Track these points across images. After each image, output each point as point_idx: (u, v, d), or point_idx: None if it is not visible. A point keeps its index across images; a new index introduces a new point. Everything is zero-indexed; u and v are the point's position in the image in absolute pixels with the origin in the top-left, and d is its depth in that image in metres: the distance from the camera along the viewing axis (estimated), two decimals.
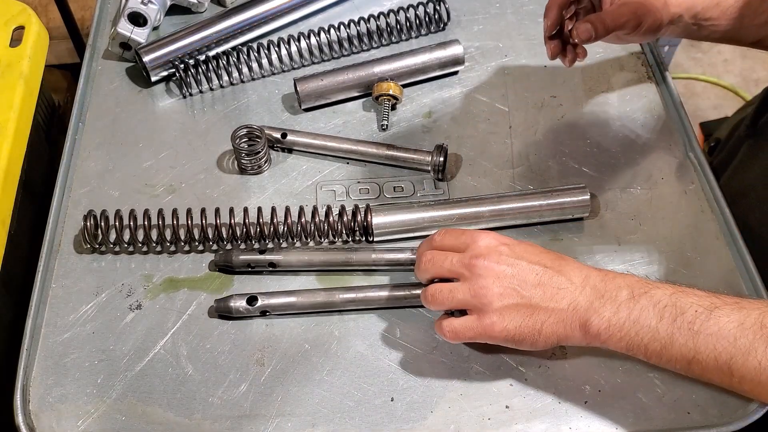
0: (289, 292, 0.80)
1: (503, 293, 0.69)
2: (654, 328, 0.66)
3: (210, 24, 1.04)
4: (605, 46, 1.07)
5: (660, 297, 0.68)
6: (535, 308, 0.69)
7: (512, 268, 0.70)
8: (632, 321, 0.67)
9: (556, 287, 0.69)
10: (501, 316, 0.69)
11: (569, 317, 0.68)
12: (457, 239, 0.73)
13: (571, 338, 0.69)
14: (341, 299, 0.79)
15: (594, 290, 0.69)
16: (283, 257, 0.83)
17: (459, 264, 0.71)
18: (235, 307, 0.79)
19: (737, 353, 0.64)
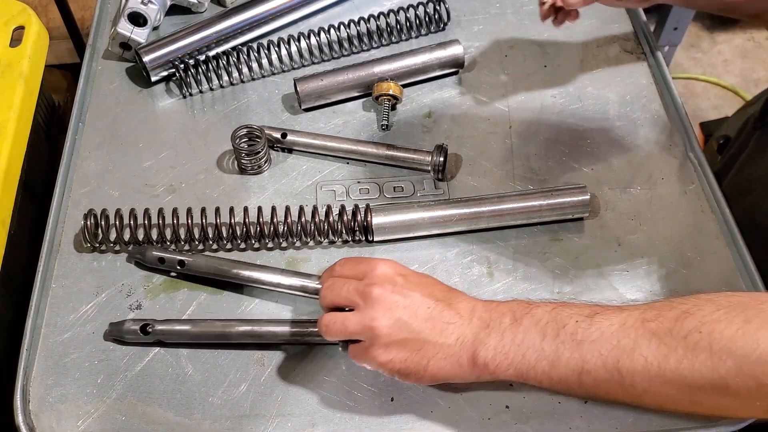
0: (184, 321, 0.79)
1: (392, 326, 0.67)
2: (539, 347, 0.65)
3: (210, 24, 1.04)
4: (605, 46, 1.07)
5: (541, 315, 0.67)
6: (423, 343, 0.67)
7: (405, 299, 0.68)
8: (517, 344, 0.66)
9: (445, 322, 0.68)
10: (387, 350, 0.68)
11: (457, 352, 0.67)
12: (356, 267, 0.73)
13: (459, 374, 0.68)
14: (237, 332, 0.77)
15: (480, 321, 0.68)
16: (193, 259, 0.82)
17: (354, 292, 0.70)
18: (127, 329, 0.77)
19: (623, 353, 0.62)
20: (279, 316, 0.81)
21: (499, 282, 0.83)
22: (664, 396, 0.63)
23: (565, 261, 0.85)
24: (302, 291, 0.80)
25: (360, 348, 0.70)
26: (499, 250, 0.86)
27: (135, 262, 0.85)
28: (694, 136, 0.95)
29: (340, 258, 0.85)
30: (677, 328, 0.61)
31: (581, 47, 1.07)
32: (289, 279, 0.80)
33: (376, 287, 0.69)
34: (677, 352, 0.60)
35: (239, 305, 0.82)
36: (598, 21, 1.11)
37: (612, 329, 0.63)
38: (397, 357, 0.68)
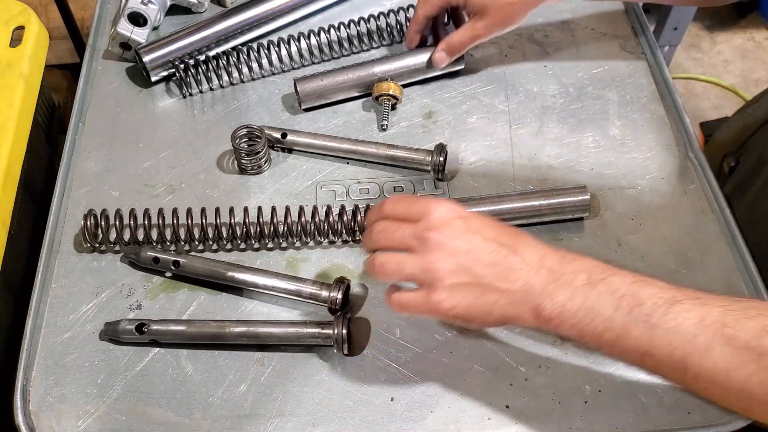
0: (180, 321, 0.79)
1: (455, 270, 0.65)
2: (609, 318, 0.63)
3: (210, 24, 1.04)
4: (605, 46, 1.07)
5: (618, 285, 0.64)
6: (486, 288, 0.65)
7: (466, 244, 0.66)
8: (587, 308, 0.63)
9: (510, 267, 0.66)
10: (451, 294, 0.65)
11: (522, 299, 0.65)
12: (410, 208, 0.69)
13: (521, 320, 0.66)
14: (233, 332, 0.77)
15: (550, 272, 0.65)
16: (188, 260, 0.82)
17: (411, 236, 0.67)
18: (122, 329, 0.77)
19: (694, 351, 0.60)
20: (278, 317, 0.81)
21: None
22: (722, 398, 0.62)
23: None
24: (296, 295, 0.80)
25: (417, 296, 0.67)
26: None
27: (129, 262, 0.85)
28: (694, 136, 0.95)
29: (340, 258, 0.85)
30: (755, 342, 0.59)
31: (581, 47, 1.07)
32: (284, 283, 0.80)
33: (434, 232, 0.66)
34: (749, 367, 0.58)
35: (239, 306, 0.82)
36: (599, 21, 1.11)
37: (689, 323, 0.61)
38: (461, 302, 0.65)
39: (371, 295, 0.82)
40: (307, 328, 0.77)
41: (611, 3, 1.13)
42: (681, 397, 0.74)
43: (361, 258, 0.85)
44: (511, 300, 0.65)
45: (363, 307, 0.81)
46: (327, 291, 0.79)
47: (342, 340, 0.75)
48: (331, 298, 0.79)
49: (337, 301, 0.79)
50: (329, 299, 0.79)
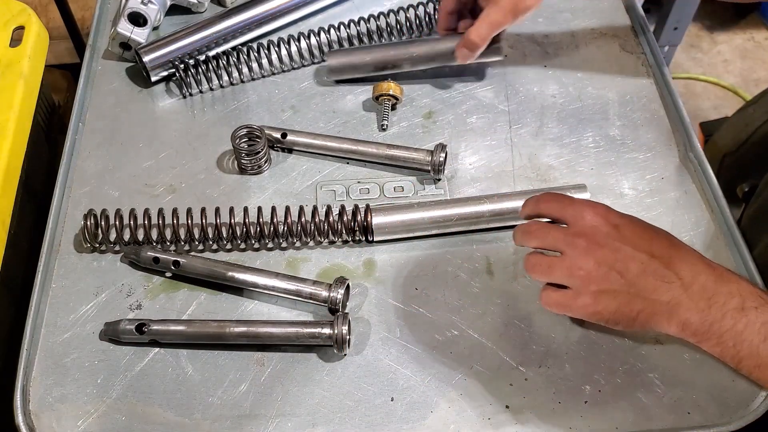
0: (180, 321, 0.79)
1: (601, 277, 0.67)
2: (755, 347, 0.64)
3: (210, 24, 1.04)
4: (605, 46, 1.07)
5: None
6: (633, 297, 0.67)
7: (615, 254, 0.67)
8: (735, 333, 0.65)
9: (660, 280, 0.66)
10: (595, 300, 0.67)
11: (668, 311, 0.66)
12: (563, 211, 0.71)
13: (664, 329, 0.68)
14: (233, 332, 0.77)
15: (702, 291, 0.66)
16: (188, 260, 0.82)
17: (561, 241, 0.69)
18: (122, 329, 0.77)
19: None
20: (278, 317, 0.81)
21: (499, 282, 0.83)
22: None
23: None
24: (296, 295, 0.80)
25: (564, 298, 0.69)
26: (499, 250, 0.86)
27: (129, 262, 0.85)
28: (695, 136, 0.95)
29: (339, 258, 0.85)
30: None
31: (581, 47, 1.07)
32: (284, 283, 0.80)
33: (583, 239, 0.68)
34: None
35: (239, 306, 0.82)
36: (598, 21, 1.11)
37: None
38: (607, 308, 0.67)
39: (371, 295, 0.82)
40: (307, 328, 0.77)
41: (611, 3, 1.13)
42: (681, 397, 0.74)
43: (361, 258, 0.85)
44: (656, 311, 0.67)
45: (363, 307, 0.81)
46: (327, 291, 0.79)
47: (342, 340, 0.75)
48: (331, 298, 0.79)
49: (337, 301, 0.79)
50: (329, 299, 0.79)
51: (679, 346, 0.78)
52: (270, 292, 0.81)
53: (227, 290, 0.83)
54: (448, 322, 0.80)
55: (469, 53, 0.95)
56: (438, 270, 0.84)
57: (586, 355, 0.77)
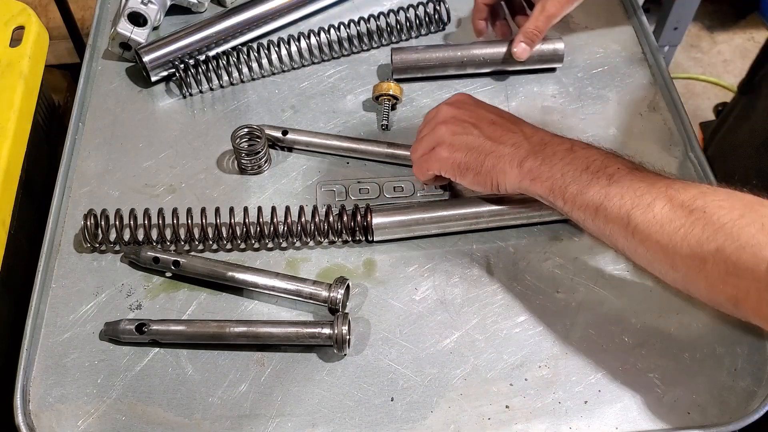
0: (180, 321, 0.79)
1: (456, 129, 0.79)
2: (578, 174, 0.73)
3: (210, 24, 1.04)
4: (605, 46, 1.07)
5: (593, 154, 0.74)
6: (483, 144, 0.78)
7: (470, 113, 0.80)
8: (562, 164, 0.74)
9: (506, 130, 0.78)
10: (451, 147, 0.79)
11: (510, 154, 0.76)
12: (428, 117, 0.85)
13: (508, 174, 0.76)
14: (233, 332, 0.77)
15: (540, 140, 0.77)
16: (188, 260, 0.82)
17: (428, 127, 0.83)
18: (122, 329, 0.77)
19: (639, 205, 0.69)
20: (278, 317, 0.81)
21: (499, 282, 0.83)
22: (653, 252, 0.69)
23: (565, 261, 0.85)
24: (296, 295, 0.80)
25: (427, 154, 0.82)
26: (499, 250, 0.86)
27: (129, 262, 0.85)
28: (694, 136, 0.95)
29: (339, 258, 0.85)
30: (689, 201, 0.67)
31: (581, 47, 1.07)
32: (284, 283, 0.80)
33: (445, 105, 0.83)
34: (679, 221, 0.66)
35: (239, 306, 0.82)
36: (598, 21, 1.11)
37: (641, 184, 0.70)
38: (458, 153, 0.79)
39: (371, 295, 0.82)
40: (307, 328, 0.77)
41: (611, 2, 1.13)
42: (681, 397, 0.74)
43: (361, 258, 0.85)
44: (501, 154, 0.77)
45: (363, 307, 0.81)
46: (327, 291, 0.79)
47: (342, 340, 0.75)
48: (331, 298, 0.79)
49: (337, 301, 0.79)
50: (329, 299, 0.79)
51: (679, 346, 0.78)
52: (270, 292, 0.81)
53: (227, 290, 0.83)
54: (448, 322, 0.80)
55: (527, 48, 0.98)
56: (438, 270, 0.84)
57: (586, 355, 0.77)
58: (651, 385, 0.75)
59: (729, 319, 0.80)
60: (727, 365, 0.76)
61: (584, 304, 0.81)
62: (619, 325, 0.79)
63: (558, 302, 0.81)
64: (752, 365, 0.77)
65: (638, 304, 0.81)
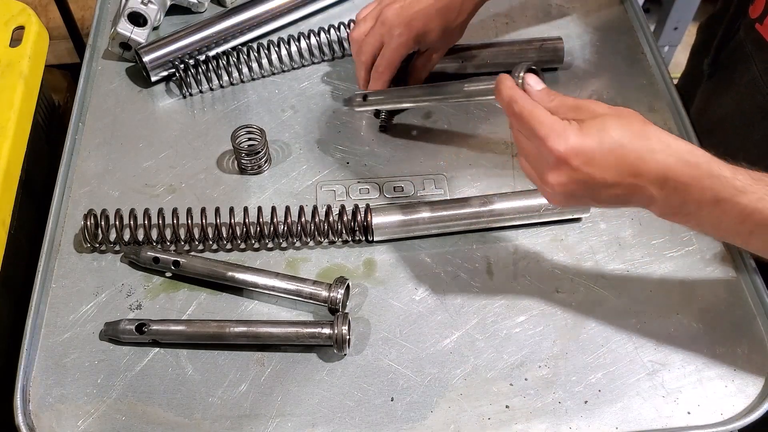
0: (180, 321, 0.79)
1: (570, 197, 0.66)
2: (735, 228, 0.65)
3: (210, 24, 1.04)
4: (605, 46, 1.07)
5: (742, 200, 0.63)
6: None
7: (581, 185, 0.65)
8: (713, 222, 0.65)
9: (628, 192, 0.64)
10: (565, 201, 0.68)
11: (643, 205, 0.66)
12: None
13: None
14: (233, 332, 0.77)
15: (674, 189, 0.63)
16: (188, 260, 0.82)
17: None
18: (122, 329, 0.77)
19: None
20: (278, 317, 0.81)
21: (499, 282, 0.83)
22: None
23: (565, 261, 0.85)
24: (296, 295, 0.80)
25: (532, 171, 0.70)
26: (499, 250, 0.86)
27: (129, 262, 0.85)
28: (695, 135, 0.95)
29: (339, 258, 0.85)
30: None
31: (581, 48, 1.07)
32: (284, 283, 0.80)
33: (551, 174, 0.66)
34: None
35: (239, 306, 0.82)
36: (598, 21, 1.11)
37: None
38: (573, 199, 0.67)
39: (371, 295, 0.82)
40: (307, 328, 0.77)
41: (611, 2, 1.13)
42: (681, 397, 0.74)
43: (361, 258, 0.85)
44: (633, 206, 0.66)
45: (363, 307, 0.81)
46: (327, 291, 0.79)
47: (342, 340, 0.75)
48: (331, 298, 0.79)
49: (337, 301, 0.79)
50: (329, 299, 0.79)
51: (679, 345, 0.78)
52: (270, 292, 0.81)
53: (227, 290, 0.83)
54: (448, 322, 0.80)
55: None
56: (438, 270, 0.84)
57: (586, 355, 0.77)
58: (651, 385, 0.75)
59: (729, 319, 0.80)
60: (727, 365, 0.76)
61: (584, 304, 0.81)
62: (619, 325, 0.79)
63: (558, 302, 0.81)
64: (752, 365, 0.77)
65: (638, 304, 0.81)
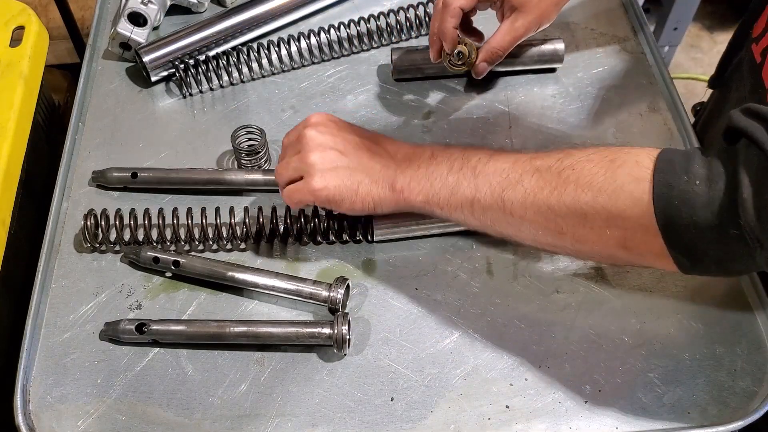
0: (180, 321, 0.79)
1: (324, 157, 0.77)
2: (444, 177, 0.74)
3: (210, 24, 1.04)
4: (605, 46, 1.07)
5: (454, 153, 0.76)
6: (353, 170, 0.77)
7: (335, 137, 0.78)
8: (428, 174, 0.75)
9: (372, 153, 0.78)
10: (323, 177, 0.76)
11: (381, 178, 0.77)
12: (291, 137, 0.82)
13: (383, 199, 0.77)
14: (234, 332, 0.77)
15: (404, 156, 0.78)
16: (188, 260, 0.82)
17: (293, 150, 0.80)
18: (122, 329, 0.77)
19: (508, 185, 0.70)
20: (278, 317, 0.81)
21: (499, 282, 0.83)
22: (536, 224, 0.69)
23: (565, 261, 0.85)
24: (296, 295, 0.80)
25: (298, 184, 0.78)
26: (499, 250, 0.86)
27: (129, 262, 0.85)
28: (695, 136, 0.95)
29: (339, 258, 0.85)
30: (556, 165, 0.68)
31: (581, 47, 1.07)
32: (284, 283, 0.80)
33: (309, 129, 0.79)
34: (551, 185, 0.67)
35: (239, 306, 0.82)
36: (598, 21, 1.11)
37: (505, 165, 0.71)
38: (331, 183, 0.77)
39: (371, 295, 0.82)
40: (307, 328, 0.77)
41: (611, 3, 1.13)
42: (681, 397, 0.74)
43: (361, 258, 0.85)
44: (372, 180, 0.77)
45: (363, 307, 0.81)
46: (327, 291, 0.79)
47: (342, 340, 0.75)
48: (331, 298, 0.79)
49: (337, 301, 0.79)
50: (329, 299, 0.79)
51: (679, 346, 0.78)
52: (270, 292, 0.81)
53: (227, 290, 0.83)
54: (448, 322, 0.80)
55: (487, 67, 0.95)
56: (438, 270, 0.84)
57: (586, 355, 0.77)
58: (651, 385, 0.75)
59: (729, 319, 0.80)
60: (727, 365, 0.76)
61: (584, 304, 0.81)
62: (619, 325, 0.79)
63: (558, 302, 0.81)
64: (752, 365, 0.77)
65: (638, 304, 0.81)
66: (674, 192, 0.60)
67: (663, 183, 0.61)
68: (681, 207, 0.60)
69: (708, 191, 0.59)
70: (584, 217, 0.65)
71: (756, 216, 0.56)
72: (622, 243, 0.65)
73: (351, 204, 0.77)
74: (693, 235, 0.60)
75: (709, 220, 0.59)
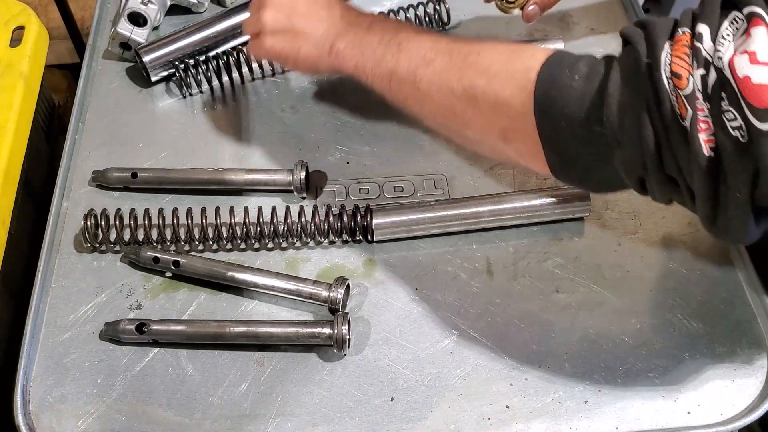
0: (180, 321, 0.79)
1: (273, 20, 0.83)
2: (374, 48, 0.77)
3: (210, 24, 1.04)
4: (604, 45, 1.07)
5: (389, 26, 0.79)
6: (298, 32, 0.82)
7: (288, 1, 0.83)
8: (362, 42, 0.78)
9: (318, 18, 0.82)
10: (273, 37, 0.83)
11: (321, 41, 0.81)
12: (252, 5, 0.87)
13: (320, 60, 0.82)
14: (233, 332, 0.77)
15: (347, 22, 0.81)
16: (188, 260, 0.82)
17: (255, 7, 0.85)
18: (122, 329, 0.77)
19: (422, 63, 0.72)
20: (278, 317, 0.81)
21: (499, 282, 0.83)
22: (436, 103, 0.72)
23: (565, 261, 0.85)
24: (296, 295, 0.80)
25: (256, 41, 0.85)
26: (499, 250, 0.86)
27: (129, 262, 0.85)
28: None
29: (339, 258, 0.85)
30: (466, 49, 0.70)
31: (581, 48, 1.07)
32: (284, 283, 0.80)
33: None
34: (455, 66, 0.70)
35: (239, 306, 0.82)
36: (598, 20, 1.11)
37: (426, 44, 0.73)
38: (278, 45, 0.84)
39: (371, 295, 0.82)
40: (307, 328, 0.77)
41: (611, 2, 1.13)
42: (681, 397, 0.74)
43: (361, 258, 0.85)
44: (314, 42, 0.82)
45: (363, 307, 0.81)
46: (327, 291, 0.79)
47: (342, 340, 0.75)
48: (331, 298, 0.79)
49: (337, 301, 0.79)
50: (329, 299, 0.79)
51: (679, 345, 0.78)
52: (270, 292, 0.81)
53: (227, 290, 0.83)
54: (448, 322, 0.80)
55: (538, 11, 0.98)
56: (438, 270, 0.84)
57: (586, 355, 0.77)
58: (651, 385, 0.75)
59: (729, 318, 0.80)
60: (727, 365, 0.77)
61: (584, 304, 0.81)
62: (619, 325, 0.80)
63: (558, 302, 0.81)
64: (752, 365, 0.77)
65: (638, 304, 0.81)
66: (554, 84, 0.62)
67: (546, 74, 0.63)
68: (556, 98, 0.61)
69: (583, 86, 0.61)
70: (475, 100, 0.68)
71: (617, 112, 0.58)
72: (503, 133, 0.68)
73: (294, 64, 0.85)
74: (563, 130, 0.61)
75: (578, 114, 0.60)
